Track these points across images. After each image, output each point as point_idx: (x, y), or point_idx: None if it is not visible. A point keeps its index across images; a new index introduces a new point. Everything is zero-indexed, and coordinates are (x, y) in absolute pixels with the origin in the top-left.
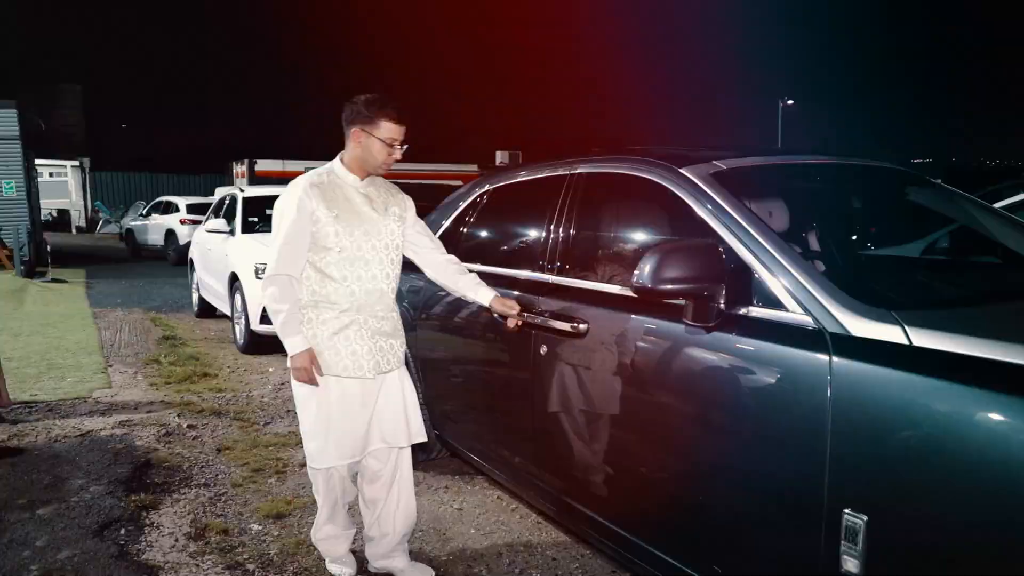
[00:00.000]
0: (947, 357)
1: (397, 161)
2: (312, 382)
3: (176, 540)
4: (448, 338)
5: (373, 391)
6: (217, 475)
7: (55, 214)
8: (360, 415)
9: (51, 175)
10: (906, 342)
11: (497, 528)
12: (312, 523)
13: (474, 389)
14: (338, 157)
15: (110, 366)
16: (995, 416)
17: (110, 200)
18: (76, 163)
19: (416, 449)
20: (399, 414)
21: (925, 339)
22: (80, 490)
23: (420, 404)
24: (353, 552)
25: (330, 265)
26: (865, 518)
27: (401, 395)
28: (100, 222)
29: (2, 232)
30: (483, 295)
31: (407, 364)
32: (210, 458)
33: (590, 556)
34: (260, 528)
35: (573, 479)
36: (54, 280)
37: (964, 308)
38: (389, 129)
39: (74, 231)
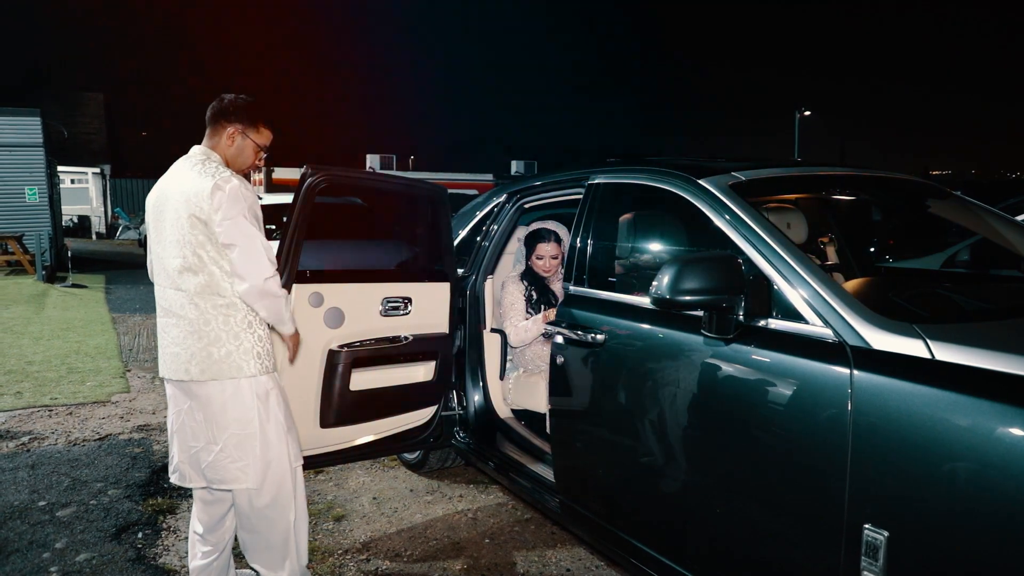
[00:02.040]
0: (970, 372)
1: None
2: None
3: None
4: None
5: None
6: None
7: (76, 220)
8: None
9: (72, 182)
10: (928, 356)
11: (511, 538)
12: (327, 529)
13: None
14: (211, 152)
15: (129, 371)
16: (1019, 432)
17: (130, 207)
18: (97, 170)
19: (430, 456)
20: None
21: (948, 353)
22: (99, 493)
23: None
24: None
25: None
26: (886, 533)
27: None
28: (120, 228)
29: (24, 237)
30: None
31: None
32: None
33: (604, 567)
34: None
35: (582, 484)
36: (74, 285)
37: (986, 322)
38: (267, 136)
39: (94, 237)
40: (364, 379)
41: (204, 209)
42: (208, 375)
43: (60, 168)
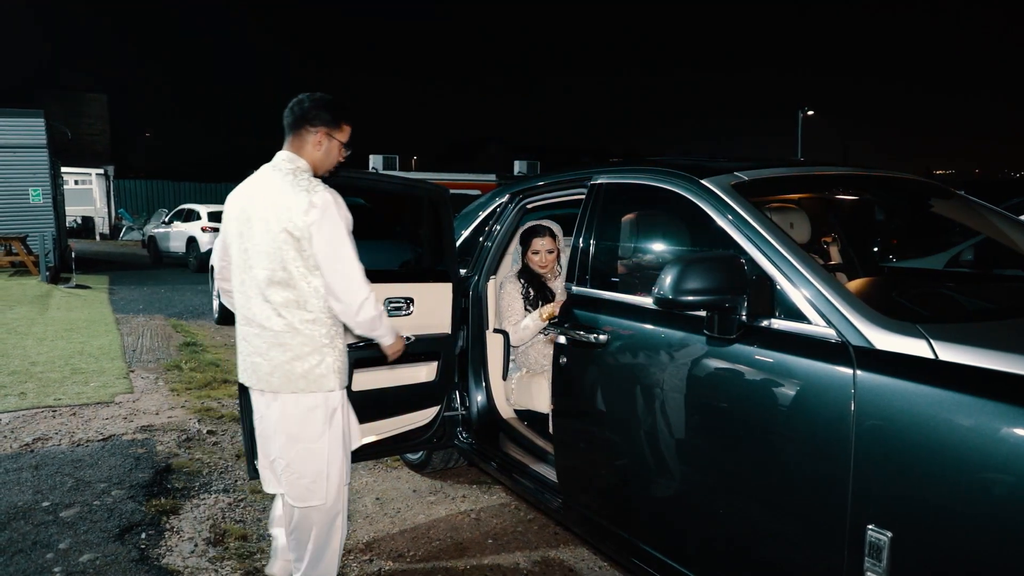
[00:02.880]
0: (974, 372)
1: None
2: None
3: (195, 545)
4: None
5: None
6: (236, 481)
7: (80, 221)
8: None
9: (76, 183)
10: (932, 356)
11: (514, 538)
12: None
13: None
14: (298, 159)
15: (132, 371)
16: (1022, 432)
17: (133, 207)
18: (100, 171)
19: (433, 456)
20: None
21: (951, 353)
22: (102, 494)
23: None
24: None
25: None
26: (889, 534)
27: None
28: (123, 229)
29: (28, 238)
30: None
31: None
32: (229, 464)
33: (607, 568)
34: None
35: (584, 484)
36: (78, 286)
37: (990, 322)
38: (348, 132)
39: (98, 238)
40: (366, 379)
41: (298, 225)
42: (289, 388)
43: (64, 169)
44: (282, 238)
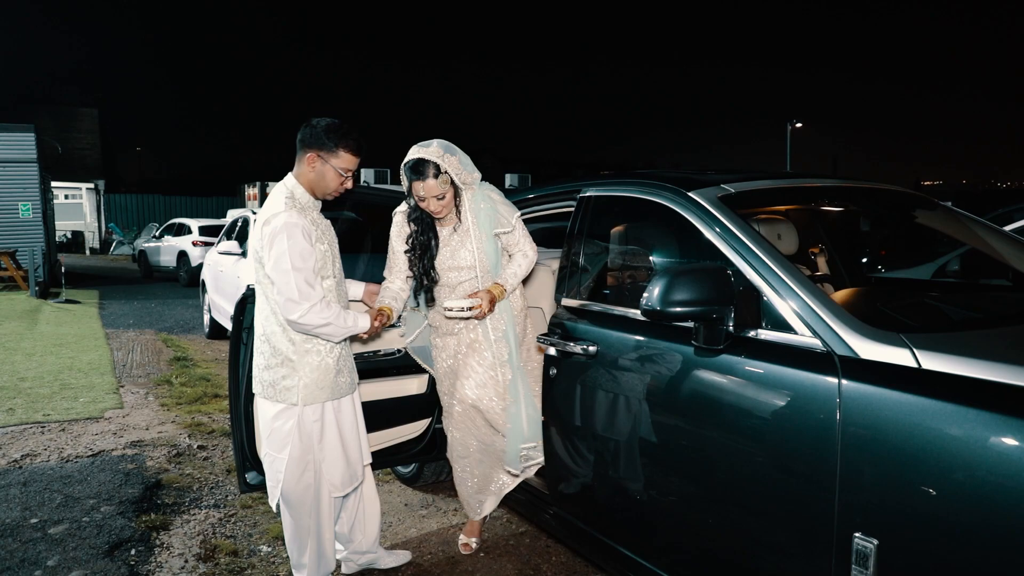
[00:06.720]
0: (957, 380)
1: (347, 190)
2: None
3: (186, 561)
4: None
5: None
6: (227, 496)
7: (70, 236)
8: None
9: (66, 197)
10: (915, 365)
11: (506, 551)
12: None
13: None
14: (295, 182)
15: (122, 387)
16: (1006, 440)
17: (124, 222)
18: (91, 185)
19: (424, 469)
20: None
21: (934, 362)
22: (91, 510)
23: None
24: None
25: (329, 292)
26: (876, 542)
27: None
28: (113, 244)
29: (18, 253)
30: (354, 290)
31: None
32: (220, 479)
33: None
34: (269, 550)
35: (575, 495)
36: (68, 301)
37: (974, 331)
38: (347, 160)
39: (88, 252)
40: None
41: (258, 241)
42: (258, 392)
43: (54, 183)
44: (253, 253)
